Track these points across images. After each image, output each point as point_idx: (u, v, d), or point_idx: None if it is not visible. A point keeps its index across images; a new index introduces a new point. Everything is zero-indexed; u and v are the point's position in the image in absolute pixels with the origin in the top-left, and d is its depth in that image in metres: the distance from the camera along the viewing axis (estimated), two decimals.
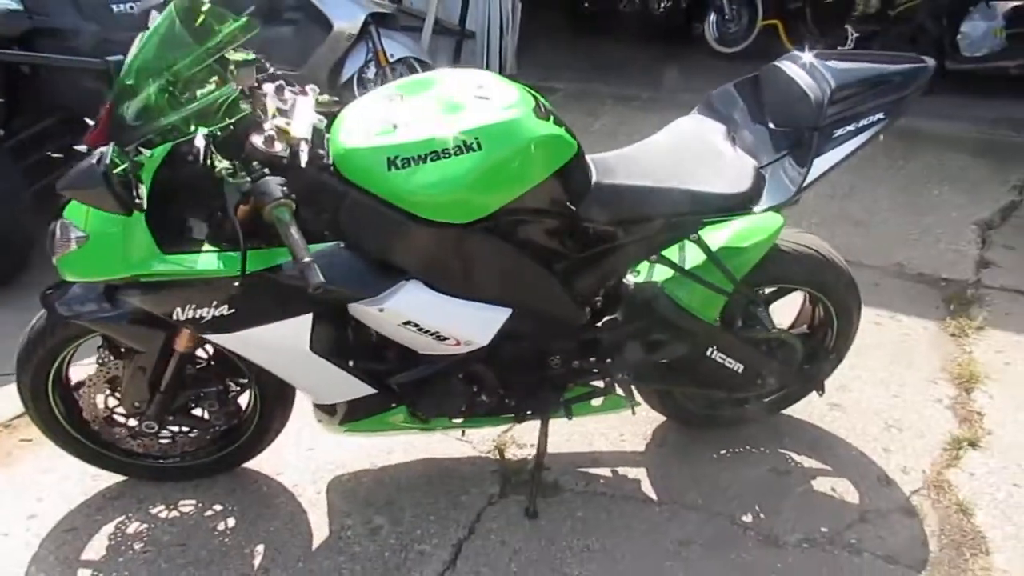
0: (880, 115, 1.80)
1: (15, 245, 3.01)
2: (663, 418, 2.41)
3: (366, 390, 1.83)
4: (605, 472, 2.26)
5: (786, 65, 1.89)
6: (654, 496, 2.18)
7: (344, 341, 1.80)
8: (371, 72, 5.06)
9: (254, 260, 1.56)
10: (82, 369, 1.97)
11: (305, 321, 1.68)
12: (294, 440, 2.25)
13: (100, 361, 1.91)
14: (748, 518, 2.11)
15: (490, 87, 1.72)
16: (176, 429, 2.03)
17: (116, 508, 2.08)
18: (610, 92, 5.82)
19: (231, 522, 2.05)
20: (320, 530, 2.04)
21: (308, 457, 2.26)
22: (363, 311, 1.68)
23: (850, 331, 2.23)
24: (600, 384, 2.09)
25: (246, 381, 1.99)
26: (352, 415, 1.93)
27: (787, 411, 2.43)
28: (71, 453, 2.06)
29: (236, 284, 1.55)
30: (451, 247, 1.67)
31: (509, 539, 2.01)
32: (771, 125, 1.90)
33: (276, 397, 2.01)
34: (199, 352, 1.93)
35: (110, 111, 1.52)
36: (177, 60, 1.55)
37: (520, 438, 2.35)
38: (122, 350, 1.90)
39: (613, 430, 2.40)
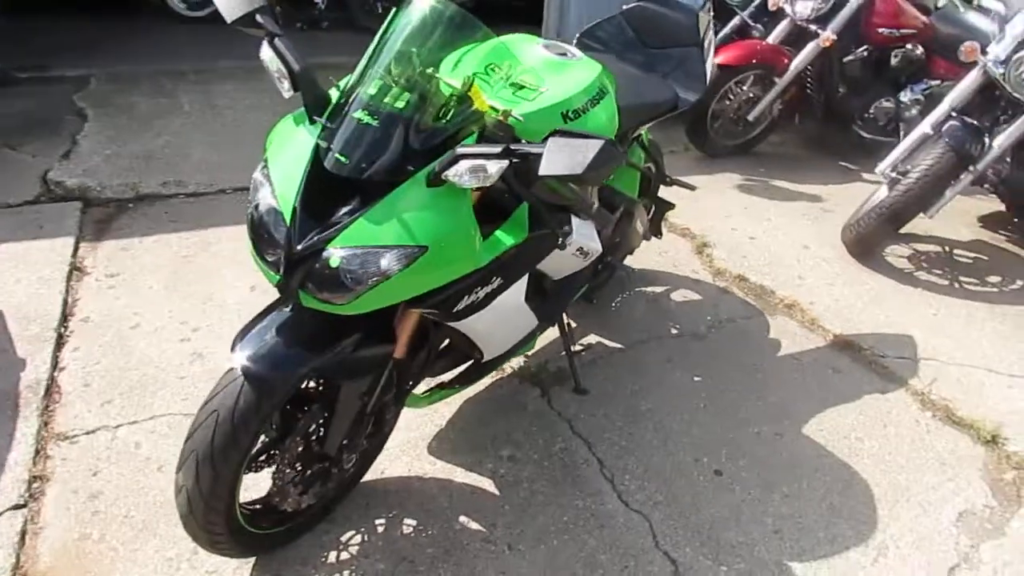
0: (712, 29, 2.70)
1: None
2: None
3: (534, 323, 2.05)
4: (578, 348, 2.82)
5: (647, 5, 2.62)
6: (620, 345, 2.86)
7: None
8: None
9: (514, 229, 1.69)
10: None
11: (525, 276, 1.84)
12: None
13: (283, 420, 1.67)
14: (674, 331, 2.98)
15: (553, 45, 2.05)
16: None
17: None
18: (148, 72, 5.27)
19: (411, 522, 2.01)
20: (480, 483, 2.16)
21: (385, 448, 2.24)
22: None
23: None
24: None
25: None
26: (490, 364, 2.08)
27: None
28: (241, 553, 1.74)
29: (534, 245, 1.67)
30: None
31: (595, 410, 2.48)
32: (651, 49, 2.62)
33: (403, 396, 2.01)
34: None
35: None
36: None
37: None
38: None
39: None
